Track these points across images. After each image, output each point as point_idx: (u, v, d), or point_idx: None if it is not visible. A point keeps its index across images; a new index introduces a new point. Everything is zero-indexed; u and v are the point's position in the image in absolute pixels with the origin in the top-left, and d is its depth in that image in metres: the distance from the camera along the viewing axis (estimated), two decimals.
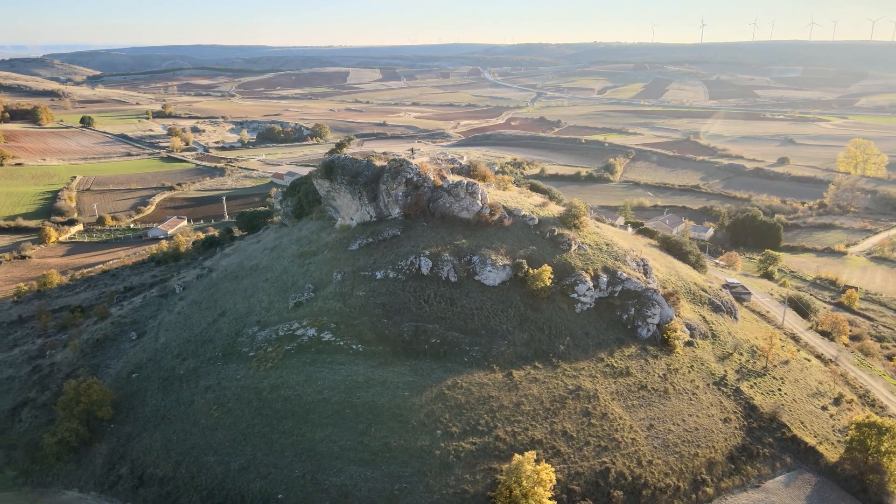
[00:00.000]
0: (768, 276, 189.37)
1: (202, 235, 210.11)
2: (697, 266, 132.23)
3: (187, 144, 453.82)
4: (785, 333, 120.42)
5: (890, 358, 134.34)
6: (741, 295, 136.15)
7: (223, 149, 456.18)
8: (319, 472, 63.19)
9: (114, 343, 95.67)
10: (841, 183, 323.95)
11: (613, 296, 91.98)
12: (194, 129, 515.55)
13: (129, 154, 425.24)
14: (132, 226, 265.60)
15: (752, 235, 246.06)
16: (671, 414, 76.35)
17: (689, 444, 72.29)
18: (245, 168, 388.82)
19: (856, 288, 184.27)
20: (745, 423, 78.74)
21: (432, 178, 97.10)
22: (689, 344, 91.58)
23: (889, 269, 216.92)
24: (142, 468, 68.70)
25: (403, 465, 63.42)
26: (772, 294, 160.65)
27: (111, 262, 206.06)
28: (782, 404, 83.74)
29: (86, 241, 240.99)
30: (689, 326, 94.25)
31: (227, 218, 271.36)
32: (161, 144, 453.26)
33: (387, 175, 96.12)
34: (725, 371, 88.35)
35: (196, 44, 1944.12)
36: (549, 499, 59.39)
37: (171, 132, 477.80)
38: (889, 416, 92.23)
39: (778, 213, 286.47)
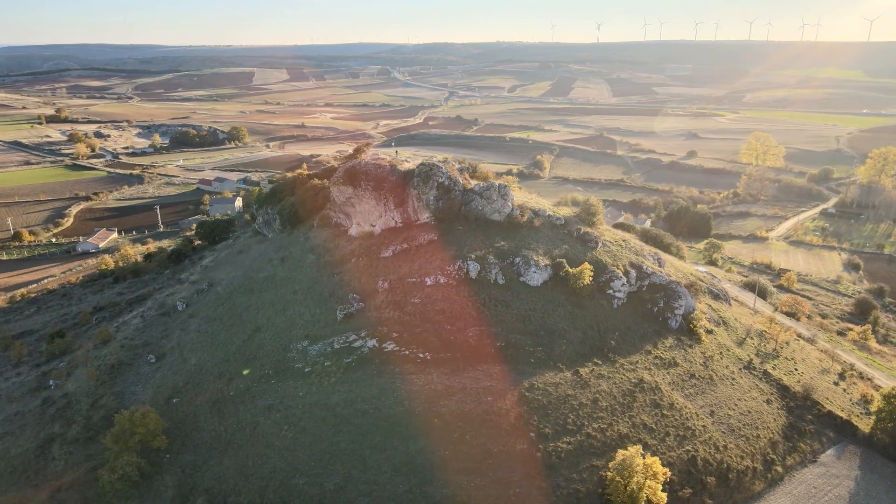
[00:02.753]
0: (713, 262, 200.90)
1: (151, 248, 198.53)
2: (679, 257, 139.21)
3: (93, 151, 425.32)
4: (764, 316, 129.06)
5: (841, 333, 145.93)
6: None
7: (135, 154, 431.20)
8: (426, 484, 62.02)
9: (131, 367, 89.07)
10: (752, 174, 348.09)
11: (642, 290, 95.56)
12: (98, 134, 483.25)
13: (27, 163, 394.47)
14: (54, 240, 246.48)
15: (687, 225, 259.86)
16: (723, 399, 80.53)
17: (749, 427, 76.64)
18: (164, 175, 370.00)
19: (789, 271, 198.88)
20: (784, 402, 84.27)
21: (461, 182, 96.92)
22: (709, 332, 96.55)
23: (807, 252, 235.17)
24: (221, 497, 64.70)
25: (510, 470, 63.41)
26: (730, 280, 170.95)
27: (46, 280, 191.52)
28: (805, 383, 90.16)
29: (4, 258, 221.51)
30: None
31: (161, 228, 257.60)
32: (63, 151, 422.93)
33: (417, 179, 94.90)
34: (749, 356, 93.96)
35: (81, 43, 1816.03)
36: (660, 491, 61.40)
37: (72, 138, 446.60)
38: (880, 385, 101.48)
39: (700, 204, 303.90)
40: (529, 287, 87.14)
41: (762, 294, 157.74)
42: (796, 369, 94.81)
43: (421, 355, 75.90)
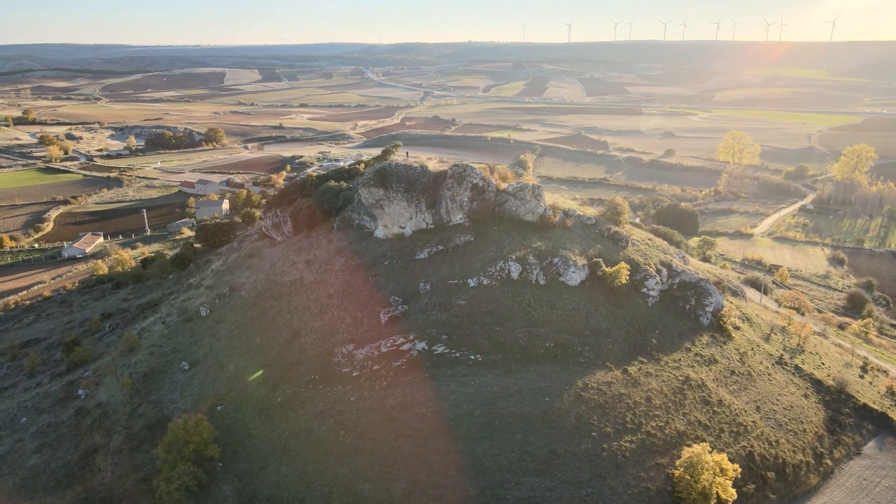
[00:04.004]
0: (706, 259, 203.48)
1: (146, 252, 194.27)
2: (689, 254, 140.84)
3: (66, 153, 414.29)
4: (780, 313, 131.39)
5: (841, 327, 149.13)
6: None
7: (109, 157, 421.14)
8: (497, 487, 61.72)
9: (164, 375, 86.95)
10: (732, 172, 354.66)
11: (673, 287, 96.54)
12: (69, 136, 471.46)
13: None
14: (37, 245, 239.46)
15: (675, 223, 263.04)
16: (765, 395, 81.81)
17: (795, 422, 77.97)
18: (143, 177, 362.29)
19: (781, 266, 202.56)
20: (820, 396, 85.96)
21: (495, 182, 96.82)
22: (737, 329, 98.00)
23: (792, 247, 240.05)
24: None
25: (578, 470, 63.46)
26: (729, 277, 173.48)
27: (36, 286, 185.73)
28: (836, 377, 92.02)
29: None
30: None
31: (148, 231, 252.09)
32: (35, 154, 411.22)
33: (450, 180, 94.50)
34: (779, 351, 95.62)
35: (43, 42, 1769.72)
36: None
37: (43, 140, 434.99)
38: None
39: (683, 202, 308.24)
40: (569, 287, 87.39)
41: (765, 290, 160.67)
42: (823, 364, 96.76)
43: (472, 357, 75.56)
